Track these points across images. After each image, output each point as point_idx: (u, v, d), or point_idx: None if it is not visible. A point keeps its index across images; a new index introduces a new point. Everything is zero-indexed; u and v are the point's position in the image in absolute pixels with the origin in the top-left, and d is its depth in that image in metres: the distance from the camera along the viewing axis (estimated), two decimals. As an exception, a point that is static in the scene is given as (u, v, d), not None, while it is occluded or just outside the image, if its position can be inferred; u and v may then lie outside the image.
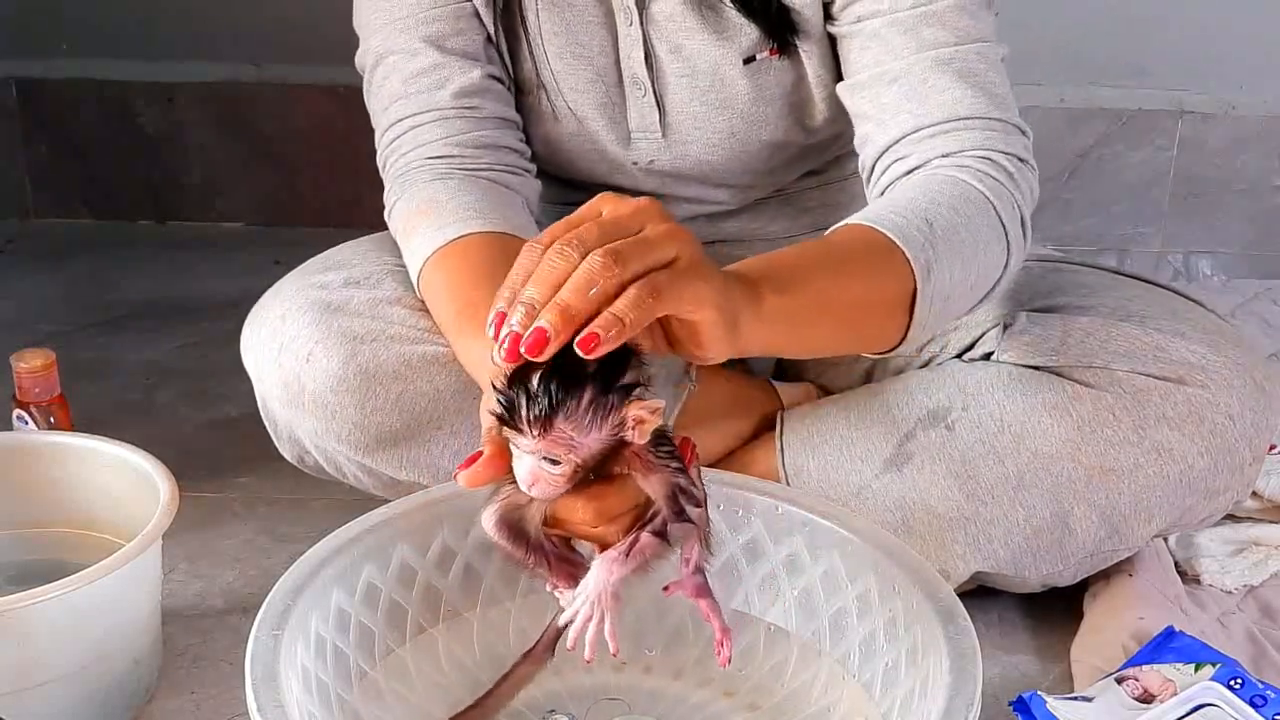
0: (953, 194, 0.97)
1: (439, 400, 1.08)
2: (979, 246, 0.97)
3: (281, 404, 1.10)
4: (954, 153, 1.01)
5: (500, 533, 0.77)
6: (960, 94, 1.03)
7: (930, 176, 1.00)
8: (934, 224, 0.93)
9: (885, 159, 1.05)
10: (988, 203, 0.98)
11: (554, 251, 0.71)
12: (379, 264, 1.13)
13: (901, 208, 0.95)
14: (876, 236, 0.91)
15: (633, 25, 1.11)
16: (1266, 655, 1.09)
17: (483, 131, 1.13)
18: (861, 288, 0.90)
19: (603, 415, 0.70)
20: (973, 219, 0.97)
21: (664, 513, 0.76)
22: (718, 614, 0.83)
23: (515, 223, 1.07)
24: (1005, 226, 0.99)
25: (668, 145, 1.17)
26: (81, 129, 2.16)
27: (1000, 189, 1.00)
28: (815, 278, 0.86)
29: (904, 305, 0.92)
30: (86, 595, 0.97)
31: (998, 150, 1.02)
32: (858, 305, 0.90)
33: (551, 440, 0.70)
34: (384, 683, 0.90)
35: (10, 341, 1.57)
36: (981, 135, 1.02)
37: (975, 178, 0.99)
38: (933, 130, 1.02)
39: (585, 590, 0.77)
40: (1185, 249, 2.08)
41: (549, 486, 0.72)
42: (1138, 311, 1.07)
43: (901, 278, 0.90)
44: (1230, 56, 1.98)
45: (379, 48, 1.14)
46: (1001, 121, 1.03)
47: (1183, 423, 1.02)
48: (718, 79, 1.12)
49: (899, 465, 1.08)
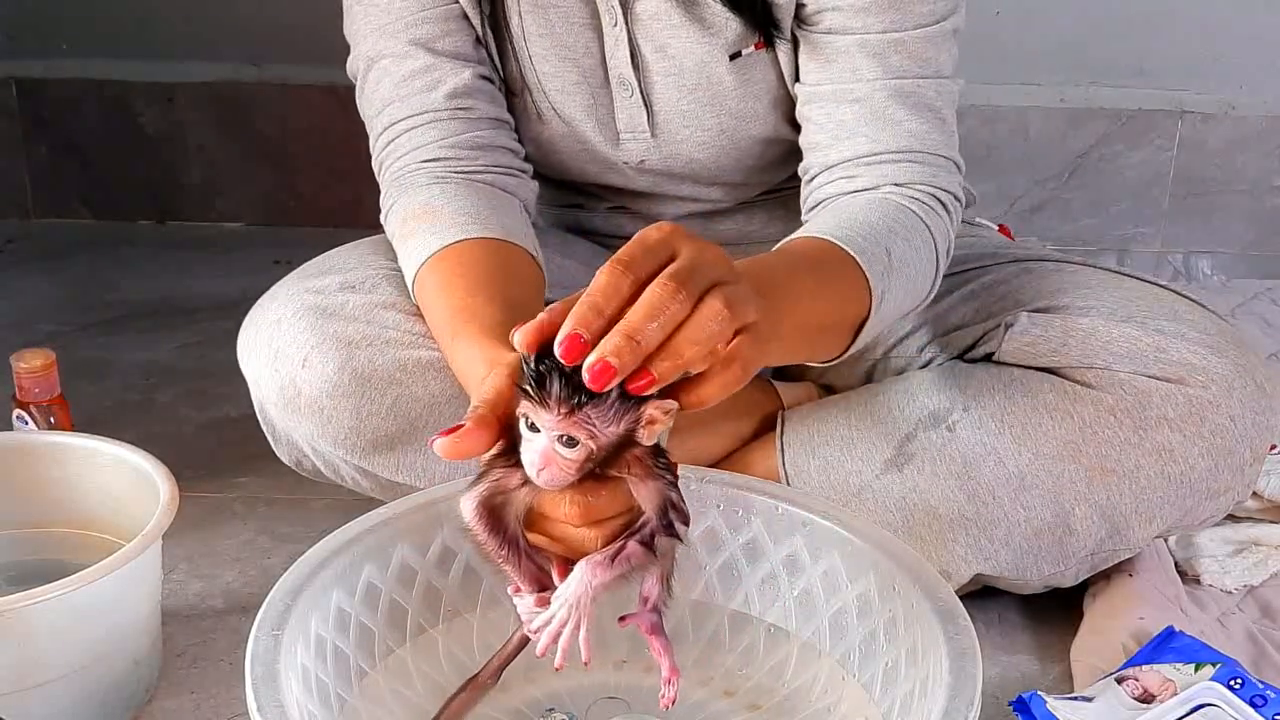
0: (906, 225, 1.01)
1: (434, 405, 1.08)
2: (918, 279, 1.01)
3: (278, 408, 1.10)
4: (905, 184, 1.06)
5: (479, 519, 0.75)
6: (917, 127, 1.06)
7: (884, 201, 1.04)
8: (892, 254, 0.97)
9: (834, 173, 1.08)
10: (931, 239, 1.03)
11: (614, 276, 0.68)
12: (375, 268, 1.13)
13: (867, 231, 0.97)
14: (848, 260, 0.93)
15: (617, 25, 1.11)
16: (1266, 655, 1.09)
17: (477, 132, 1.13)
18: (830, 310, 0.92)
19: (628, 408, 0.69)
20: (919, 251, 1.01)
21: (653, 524, 0.74)
22: (669, 654, 0.82)
23: (512, 228, 1.07)
24: (939, 263, 1.05)
25: (657, 144, 1.17)
26: (81, 129, 2.16)
27: (941, 225, 1.05)
28: (801, 298, 0.87)
29: (854, 328, 0.95)
30: (86, 595, 0.97)
31: (943, 189, 1.07)
32: (822, 326, 0.92)
33: (575, 421, 0.69)
34: (384, 683, 0.90)
35: (10, 341, 1.57)
36: (931, 171, 1.06)
37: (924, 212, 1.04)
38: (887, 158, 1.06)
39: (566, 593, 0.75)
40: (1185, 249, 2.08)
41: (559, 472, 0.71)
42: (1139, 312, 1.07)
43: (861, 304, 0.93)
44: (1230, 56, 1.98)
45: (369, 52, 1.14)
46: (948, 160, 1.08)
47: (1184, 424, 1.03)
48: (704, 76, 1.12)
49: (900, 466, 1.08)
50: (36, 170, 2.19)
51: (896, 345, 1.18)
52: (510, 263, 1.05)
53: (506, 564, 0.77)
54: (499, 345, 0.91)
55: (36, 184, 2.19)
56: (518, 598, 0.79)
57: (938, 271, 1.05)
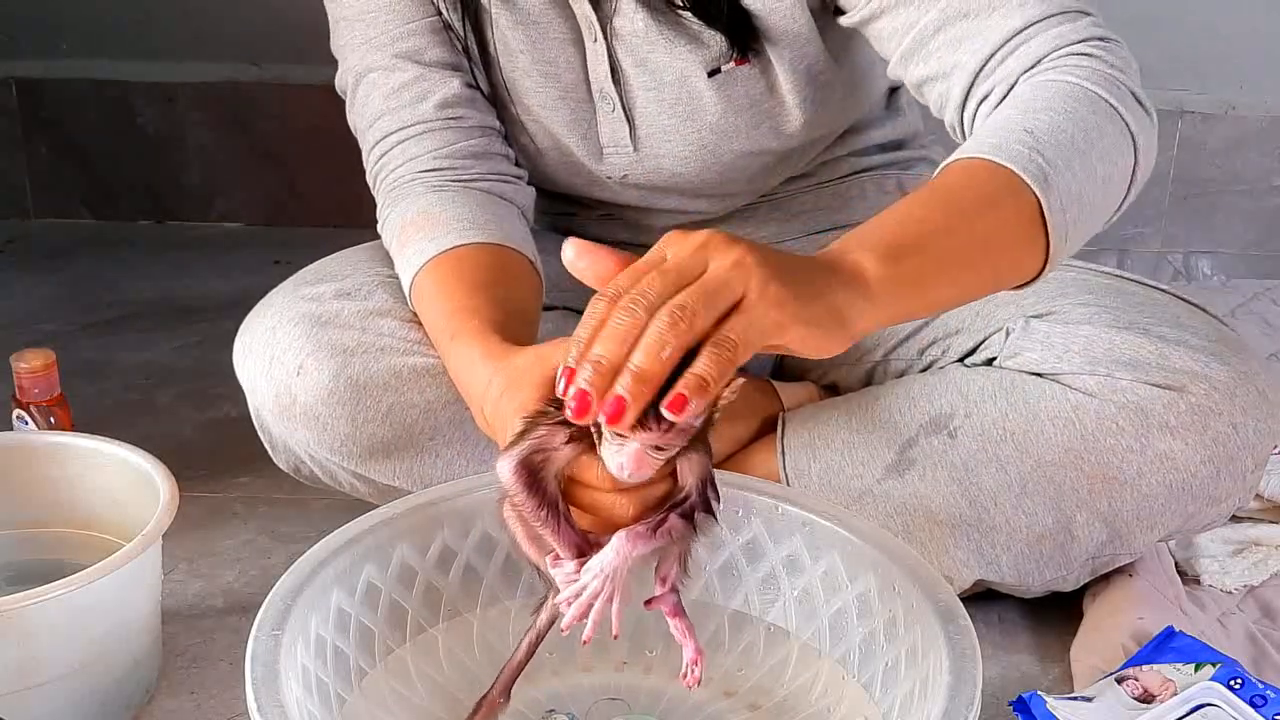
0: (1046, 96, 0.91)
1: (430, 412, 1.08)
2: (1092, 135, 0.90)
3: (274, 416, 1.10)
4: (1030, 67, 0.95)
5: (518, 479, 0.73)
6: (1007, 8, 0.96)
7: (1015, 96, 0.94)
8: (1034, 131, 0.87)
9: (968, 108, 0.98)
10: (1085, 90, 0.92)
11: (621, 308, 0.68)
12: (371, 275, 1.13)
13: (995, 129, 0.89)
14: (976, 164, 0.86)
15: (598, 41, 1.11)
16: (1266, 655, 1.09)
17: (470, 141, 1.13)
18: (978, 223, 0.84)
19: (715, 400, 0.69)
20: (1075, 110, 0.90)
21: (694, 498, 0.74)
22: (692, 635, 0.82)
23: (510, 234, 1.07)
24: (1114, 106, 0.92)
25: (640, 159, 1.16)
26: (81, 129, 2.16)
27: (1094, 74, 0.93)
28: (924, 231, 0.81)
29: (1034, 223, 0.85)
30: (86, 595, 0.97)
31: (1070, 44, 0.95)
32: (980, 243, 0.84)
33: (673, 432, 0.69)
34: (384, 683, 0.90)
35: (10, 341, 1.57)
36: (1047, 39, 0.95)
37: (1062, 75, 0.93)
38: (999, 58, 0.96)
39: (603, 562, 0.74)
40: (1185, 249, 2.07)
41: (650, 469, 0.71)
42: (1141, 319, 1.06)
43: (1018, 194, 0.84)
44: (1230, 56, 1.98)
45: (357, 66, 1.14)
46: (1058, 15, 0.96)
47: (1186, 432, 1.02)
48: (685, 91, 1.12)
49: (901, 472, 1.07)
50: (36, 170, 2.19)
51: (897, 347, 1.18)
52: (508, 267, 1.05)
53: (545, 527, 0.75)
54: (499, 343, 0.91)
55: (36, 184, 2.19)
56: (555, 567, 0.77)
57: (1121, 114, 0.92)
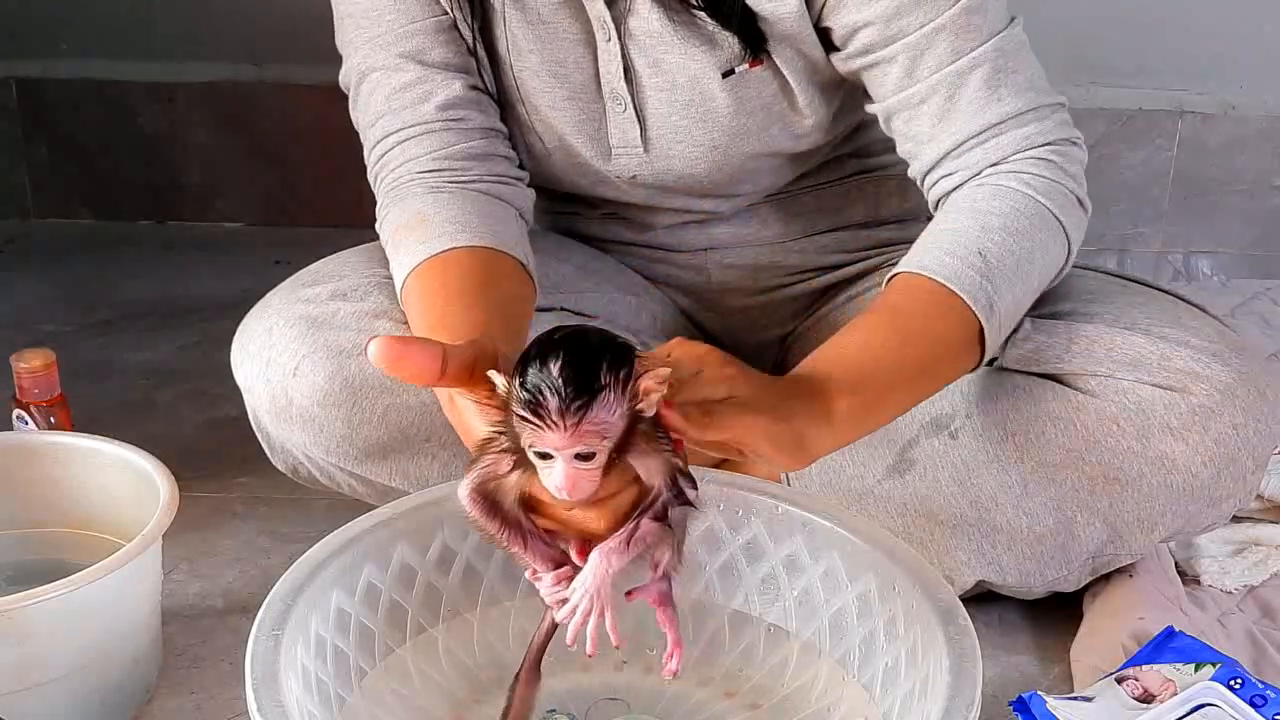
0: (1003, 210, 0.99)
1: (426, 413, 1.08)
2: (1036, 255, 0.99)
3: (270, 417, 1.10)
4: (997, 162, 1.02)
5: (476, 505, 0.76)
6: (987, 100, 1.02)
7: (977, 191, 1.02)
8: (986, 254, 0.95)
9: (933, 176, 1.06)
10: (1039, 205, 1.00)
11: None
12: (368, 276, 1.12)
13: (951, 244, 0.96)
14: (934, 288, 0.94)
15: (611, 41, 1.10)
16: (1266, 655, 1.09)
17: (470, 143, 1.12)
18: (930, 349, 0.93)
19: (622, 387, 0.70)
20: (1027, 230, 0.99)
21: (664, 496, 0.75)
22: (675, 625, 0.82)
23: (505, 236, 1.06)
24: (1061, 221, 1.01)
25: (650, 159, 1.16)
26: (81, 129, 2.16)
27: (1049, 185, 1.01)
28: (886, 362, 0.89)
29: (973, 342, 0.95)
30: (86, 595, 0.97)
31: (1037, 145, 1.02)
32: (929, 366, 0.93)
33: (583, 432, 0.69)
34: (384, 683, 0.90)
35: (10, 341, 1.57)
36: (1018, 135, 1.03)
37: (1022, 183, 1.01)
38: (970, 144, 1.03)
39: (584, 584, 0.76)
40: (1185, 249, 2.07)
41: (587, 484, 0.71)
42: (1142, 319, 1.05)
43: (967, 322, 0.94)
44: (1230, 56, 1.98)
45: (360, 65, 1.14)
46: (1033, 111, 1.03)
47: (1187, 433, 1.02)
48: (698, 93, 1.11)
49: (902, 472, 1.07)
50: (36, 170, 2.19)
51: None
52: (497, 271, 1.04)
53: (513, 547, 0.77)
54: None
55: (36, 184, 2.19)
56: (536, 581, 0.79)
57: (1065, 229, 1.01)
